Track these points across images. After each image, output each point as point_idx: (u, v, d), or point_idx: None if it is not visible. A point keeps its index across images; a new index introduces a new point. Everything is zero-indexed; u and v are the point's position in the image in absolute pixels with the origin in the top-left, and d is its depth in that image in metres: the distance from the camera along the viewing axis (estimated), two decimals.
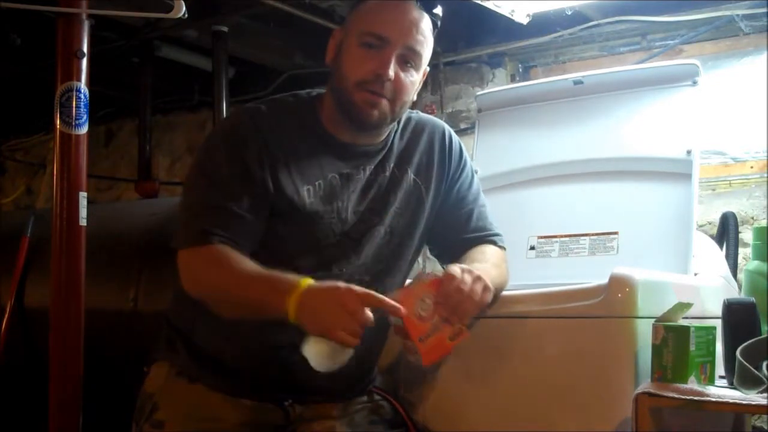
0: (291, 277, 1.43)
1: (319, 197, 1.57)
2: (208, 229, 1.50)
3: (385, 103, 1.56)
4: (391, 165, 1.67)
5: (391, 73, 1.54)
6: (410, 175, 1.68)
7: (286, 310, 1.39)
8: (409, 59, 1.57)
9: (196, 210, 1.55)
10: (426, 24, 1.58)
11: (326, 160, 1.60)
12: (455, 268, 1.48)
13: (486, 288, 1.49)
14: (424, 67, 1.62)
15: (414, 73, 1.59)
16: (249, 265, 1.48)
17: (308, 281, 1.41)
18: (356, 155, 1.63)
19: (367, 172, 1.64)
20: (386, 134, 1.66)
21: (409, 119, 1.72)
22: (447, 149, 1.73)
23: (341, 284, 1.40)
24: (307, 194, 1.57)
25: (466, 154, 1.77)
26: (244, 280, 1.47)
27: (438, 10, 1.61)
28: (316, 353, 1.40)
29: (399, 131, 1.69)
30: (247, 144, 1.55)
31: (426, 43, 1.59)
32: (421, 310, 1.44)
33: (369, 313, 1.36)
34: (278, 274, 1.45)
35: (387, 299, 1.40)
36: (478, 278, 1.49)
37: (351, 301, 1.36)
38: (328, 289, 1.40)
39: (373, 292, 1.40)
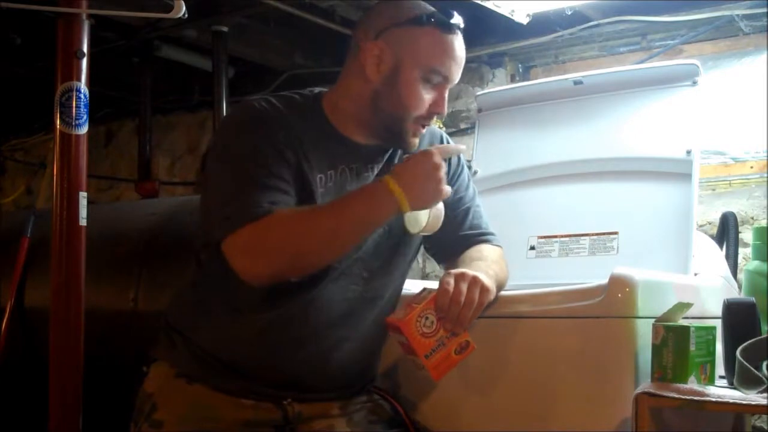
0: (369, 185, 1.55)
1: (329, 187, 1.57)
2: (256, 203, 1.45)
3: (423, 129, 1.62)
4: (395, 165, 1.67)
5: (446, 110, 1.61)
6: None
7: (396, 200, 1.45)
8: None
9: (237, 192, 1.48)
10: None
11: (337, 152, 1.60)
12: (449, 280, 1.47)
13: (484, 289, 1.49)
14: None
15: None
16: (313, 206, 1.51)
17: (387, 178, 1.48)
18: (365, 154, 1.64)
19: (375, 171, 1.65)
20: None
21: None
22: None
23: (417, 156, 1.50)
24: (319, 182, 1.56)
25: (462, 156, 1.79)
26: (330, 210, 1.49)
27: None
28: (422, 220, 1.50)
29: None
30: (273, 128, 1.53)
31: None
32: (424, 327, 1.45)
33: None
34: (352, 192, 1.53)
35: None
36: (474, 281, 1.48)
37: (433, 159, 1.47)
38: (412, 164, 1.49)
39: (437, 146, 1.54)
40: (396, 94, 1.57)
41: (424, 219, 1.51)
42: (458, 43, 1.58)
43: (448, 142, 1.76)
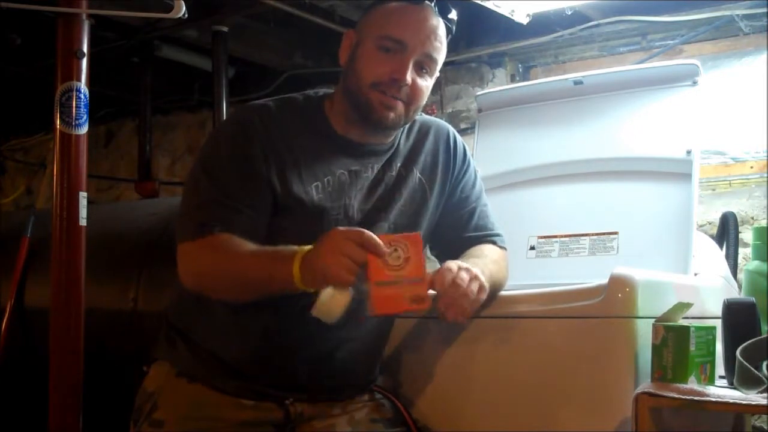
0: (290, 247, 1.45)
1: (327, 193, 1.58)
2: (208, 222, 1.52)
3: (400, 106, 1.58)
4: (398, 164, 1.68)
5: (409, 78, 1.55)
6: (416, 174, 1.69)
7: (293, 277, 1.41)
8: (425, 65, 1.59)
9: (197, 205, 1.56)
10: (442, 30, 1.60)
11: (335, 157, 1.62)
12: (452, 264, 1.49)
13: (481, 288, 1.50)
14: (437, 72, 1.64)
15: (428, 78, 1.61)
16: (249, 246, 1.50)
17: (307, 247, 1.43)
18: (364, 154, 1.64)
19: (375, 171, 1.65)
20: (394, 135, 1.68)
21: (414, 120, 1.73)
22: (452, 150, 1.74)
23: (331, 231, 1.43)
24: (315, 190, 1.57)
25: (469, 155, 1.79)
26: (246, 260, 1.49)
27: (453, 16, 1.63)
28: (323, 307, 1.40)
29: (405, 131, 1.71)
30: (253, 143, 1.55)
31: (442, 50, 1.61)
32: (390, 258, 1.40)
33: (357, 247, 1.39)
34: (277, 248, 1.48)
35: (367, 233, 1.40)
36: (474, 278, 1.49)
37: (338, 238, 1.40)
38: (319, 241, 1.42)
39: (356, 228, 1.42)
40: (354, 69, 1.59)
41: (324, 299, 1.39)
42: (420, 12, 1.58)
43: (456, 139, 1.76)
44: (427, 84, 1.60)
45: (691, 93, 2.07)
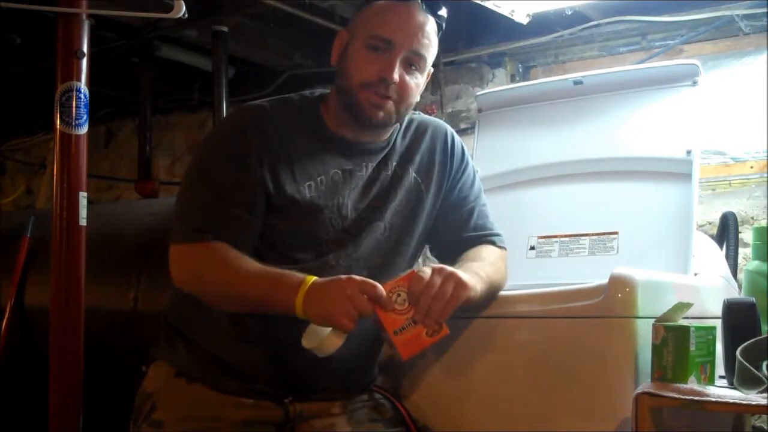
0: (296, 274, 1.48)
1: (320, 192, 1.59)
2: (203, 226, 1.53)
3: (390, 105, 1.58)
4: (394, 163, 1.68)
5: (396, 76, 1.56)
6: (411, 173, 1.69)
7: (294, 306, 1.44)
8: (413, 62, 1.59)
9: (193, 207, 1.58)
10: (431, 27, 1.60)
11: (329, 156, 1.62)
12: (424, 269, 1.48)
13: (460, 284, 1.48)
14: (429, 68, 1.64)
15: (418, 75, 1.61)
16: (250, 262, 1.51)
17: (312, 278, 1.46)
18: (359, 153, 1.65)
19: (369, 170, 1.65)
20: (389, 133, 1.68)
21: (411, 120, 1.74)
22: (449, 150, 1.74)
23: (343, 276, 1.45)
24: (308, 189, 1.58)
25: (467, 154, 1.79)
26: (248, 278, 1.50)
27: (443, 12, 1.63)
28: (315, 341, 1.44)
29: (402, 131, 1.71)
30: (248, 143, 1.56)
31: (431, 46, 1.61)
32: (395, 304, 1.45)
33: (366, 300, 1.42)
34: (282, 272, 1.49)
35: (380, 287, 1.44)
36: (448, 276, 1.48)
37: (351, 287, 1.42)
38: (331, 281, 1.45)
39: (369, 280, 1.44)
40: (344, 68, 1.60)
41: (320, 337, 1.44)
42: (407, 9, 1.58)
43: (453, 139, 1.76)
44: (416, 81, 1.61)
45: (691, 93, 2.07)
